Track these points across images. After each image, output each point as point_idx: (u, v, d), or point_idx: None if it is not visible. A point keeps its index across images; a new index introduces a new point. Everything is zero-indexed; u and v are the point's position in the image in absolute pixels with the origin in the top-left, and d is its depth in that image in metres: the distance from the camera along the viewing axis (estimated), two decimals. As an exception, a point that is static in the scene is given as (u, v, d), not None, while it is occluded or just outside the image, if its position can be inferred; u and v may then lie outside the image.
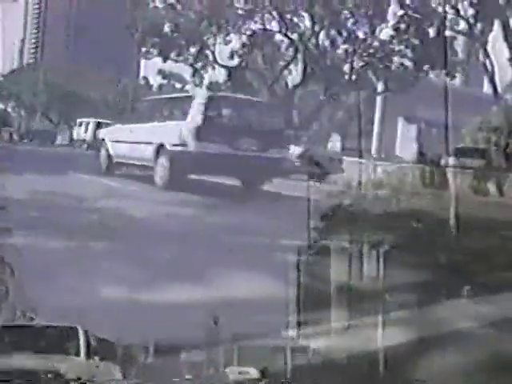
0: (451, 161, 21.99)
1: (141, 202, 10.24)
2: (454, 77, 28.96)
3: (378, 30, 28.76)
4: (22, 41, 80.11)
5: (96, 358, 3.49)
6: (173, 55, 32.01)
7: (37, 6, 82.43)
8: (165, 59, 32.53)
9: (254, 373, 3.64)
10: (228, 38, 30.99)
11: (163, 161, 12.22)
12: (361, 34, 28.90)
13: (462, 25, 24.85)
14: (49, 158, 22.44)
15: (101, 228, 6.88)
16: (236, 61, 32.07)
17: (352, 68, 28.92)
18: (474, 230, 7.78)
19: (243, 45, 31.32)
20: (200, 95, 14.58)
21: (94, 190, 11.12)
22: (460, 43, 27.90)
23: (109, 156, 14.95)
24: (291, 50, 30.78)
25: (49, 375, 3.10)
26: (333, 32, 28.75)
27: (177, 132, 12.33)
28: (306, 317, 4.29)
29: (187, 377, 3.55)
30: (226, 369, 3.67)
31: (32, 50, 78.49)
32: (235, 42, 31.42)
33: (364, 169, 21.06)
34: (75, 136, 32.67)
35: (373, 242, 5.26)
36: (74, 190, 10.30)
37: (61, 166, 16.30)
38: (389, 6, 27.65)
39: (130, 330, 3.95)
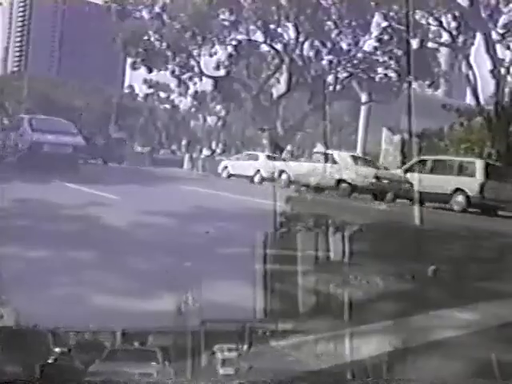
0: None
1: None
2: (437, 88, 29.27)
3: (361, 42, 29.01)
4: (6, 49, 79.60)
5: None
6: (157, 65, 32.02)
7: (21, 15, 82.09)
8: (150, 69, 32.52)
9: None
10: (213, 49, 31.09)
11: None
12: (345, 45, 29.12)
13: (445, 37, 25.11)
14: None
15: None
16: (221, 71, 32.18)
17: (336, 79, 29.11)
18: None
19: (228, 55, 31.43)
20: None
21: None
22: (443, 55, 28.20)
23: None
24: (276, 60, 30.92)
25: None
26: (317, 43, 28.90)
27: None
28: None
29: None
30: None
31: (16, 59, 78.06)
32: (220, 52, 31.55)
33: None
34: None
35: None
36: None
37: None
38: (372, 17, 27.86)
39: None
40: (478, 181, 16.38)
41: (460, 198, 16.28)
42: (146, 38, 31.35)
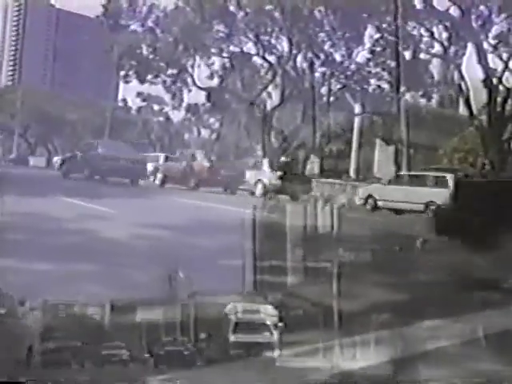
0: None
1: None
2: (430, 98, 29.39)
3: (355, 53, 29.14)
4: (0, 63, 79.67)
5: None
6: (150, 78, 32.11)
7: (15, 28, 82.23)
8: (142, 82, 32.61)
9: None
10: (206, 61, 31.20)
11: None
12: (338, 57, 29.24)
13: (437, 47, 25.25)
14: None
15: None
16: (214, 83, 32.27)
17: (330, 90, 29.21)
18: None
19: (222, 67, 31.54)
20: None
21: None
22: (435, 65, 28.33)
23: None
24: (270, 72, 31.02)
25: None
26: (310, 55, 29.01)
27: None
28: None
29: None
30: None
31: (10, 73, 78.09)
32: (214, 64, 31.65)
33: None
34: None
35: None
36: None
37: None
38: (365, 29, 28.01)
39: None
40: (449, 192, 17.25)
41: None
42: (138, 51, 31.46)
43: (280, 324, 4.00)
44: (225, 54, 31.08)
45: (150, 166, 24.08)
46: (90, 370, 3.52)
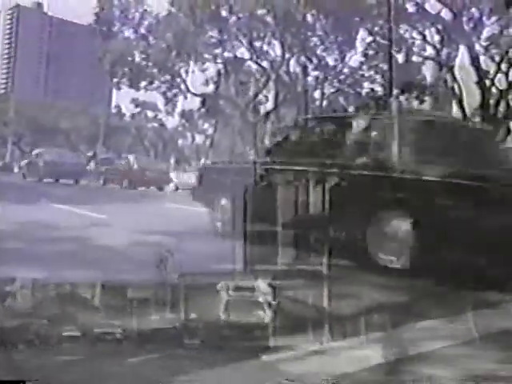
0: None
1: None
2: (423, 101, 29.43)
3: (347, 57, 29.19)
4: (-7, 72, 79.76)
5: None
6: (143, 85, 32.15)
7: (8, 37, 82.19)
8: (135, 89, 32.64)
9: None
10: (199, 67, 31.22)
11: None
12: (331, 61, 29.28)
13: (430, 50, 25.31)
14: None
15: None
16: (208, 88, 32.30)
17: (323, 94, 29.25)
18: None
19: (215, 73, 31.59)
20: None
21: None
22: (428, 68, 28.38)
23: None
24: (263, 77, 31.06)
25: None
26: (303, 59, 29.05)
27: None
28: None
29: None
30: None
31: (3, 81, 78.04)
32: (207, 70, 31.69)
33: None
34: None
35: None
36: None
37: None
38: (357, 33, 28.06)
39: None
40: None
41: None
42: (131, 58, 31.48)
43: (274, 302, 3.94)
44: (218, 60, 31.13)
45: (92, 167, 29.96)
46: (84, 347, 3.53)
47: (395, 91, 23.71)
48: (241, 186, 7.25)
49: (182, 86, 32.40)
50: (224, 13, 28.88)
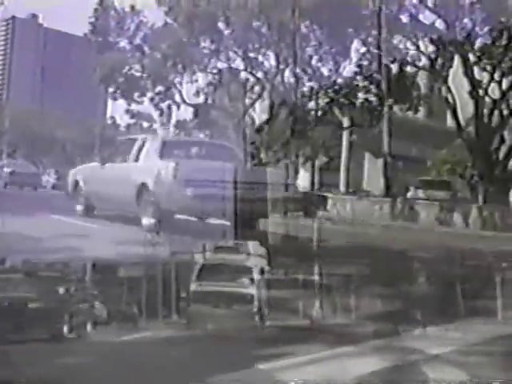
0: (419, 193, 22.48)
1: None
2: (417, 111, 29.52)
3: (342, 67, 29.31)
4: (-12, 82, 79.75)
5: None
6: (137, 96, 32.20)
7: (3, 47, 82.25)
8: (128, 100, 32.70)
9: None
10: (194, 77, 31.31)
11: None
12: (325, 71, 29.39)
13: (424, 60, 25.39)
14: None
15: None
16: (202, 99, 32.37)
17: (317, 104, 29.28)
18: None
19: (209, 83, 31.65)
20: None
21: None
22: (422, 78, 28.48)
23: None
24: (257, 87, 31.15)
25: None
26: (297, 70, 29.15)
27: None
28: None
29: None
30: None
31: (-2, 91, 77.96)
32: (202, 80, 31.76)
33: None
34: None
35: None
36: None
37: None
38: (351, 43, 28.21)
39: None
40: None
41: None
42: (126, 69, 31.54)
43: (267, 268, 3.02)
44: (213, 71, 31.22)
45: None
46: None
47: (389, 101, 23.85)
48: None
49: (177, 97, 32.47)
50: (220, 24, 29.01)
